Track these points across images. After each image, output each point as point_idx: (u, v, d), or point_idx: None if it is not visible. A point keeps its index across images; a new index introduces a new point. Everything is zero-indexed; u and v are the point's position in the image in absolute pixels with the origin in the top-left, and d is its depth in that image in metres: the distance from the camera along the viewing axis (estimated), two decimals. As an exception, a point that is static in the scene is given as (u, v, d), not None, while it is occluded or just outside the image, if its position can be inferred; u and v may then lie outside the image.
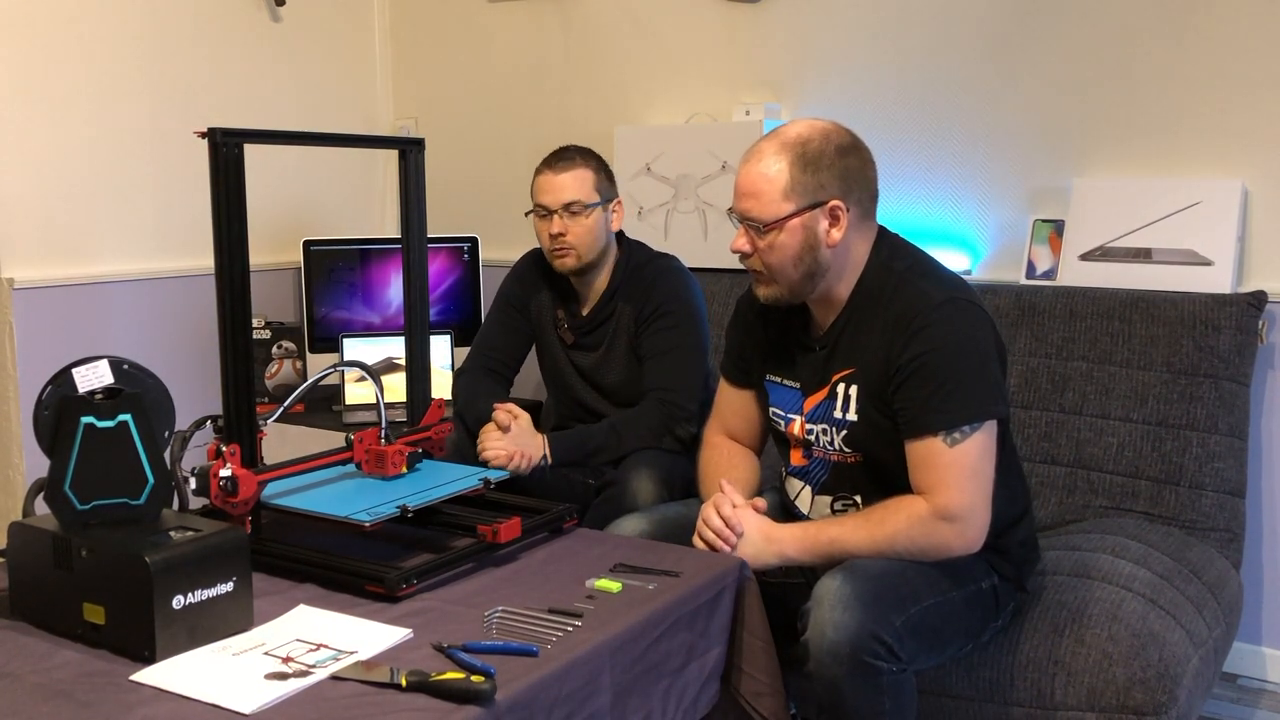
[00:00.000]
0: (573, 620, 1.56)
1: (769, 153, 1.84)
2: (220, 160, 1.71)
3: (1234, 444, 2.43)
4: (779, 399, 2.03)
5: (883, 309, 1.86)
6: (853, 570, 1.76)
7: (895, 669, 1.72)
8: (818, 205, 1.83)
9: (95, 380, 1.58)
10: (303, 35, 3.69)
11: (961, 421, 1.77)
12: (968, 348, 1.81)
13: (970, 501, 1.78)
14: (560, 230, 2.48)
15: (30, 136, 2.98)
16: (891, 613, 1.72)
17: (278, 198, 3.59)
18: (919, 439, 1.80)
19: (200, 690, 1.33)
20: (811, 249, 1.85)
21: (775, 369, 2.03)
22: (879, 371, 1.85)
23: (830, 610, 1.71)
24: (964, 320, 1.82)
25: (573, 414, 2.64)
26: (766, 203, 1.83)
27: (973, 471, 1.78)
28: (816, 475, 1.99)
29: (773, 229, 1.84)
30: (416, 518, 1.84)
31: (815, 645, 1.71)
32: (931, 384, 1.78)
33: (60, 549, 1.48)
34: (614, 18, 3.49)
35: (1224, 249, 2.57)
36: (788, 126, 1.88)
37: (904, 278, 1.87)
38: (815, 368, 1.95)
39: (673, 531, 2.00)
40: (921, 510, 1.79)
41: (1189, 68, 2.65)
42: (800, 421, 1.97)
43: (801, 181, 1.82)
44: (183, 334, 3.31)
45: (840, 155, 1.84)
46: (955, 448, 1.77)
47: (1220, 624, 2.15)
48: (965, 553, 1.81)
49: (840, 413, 1.90)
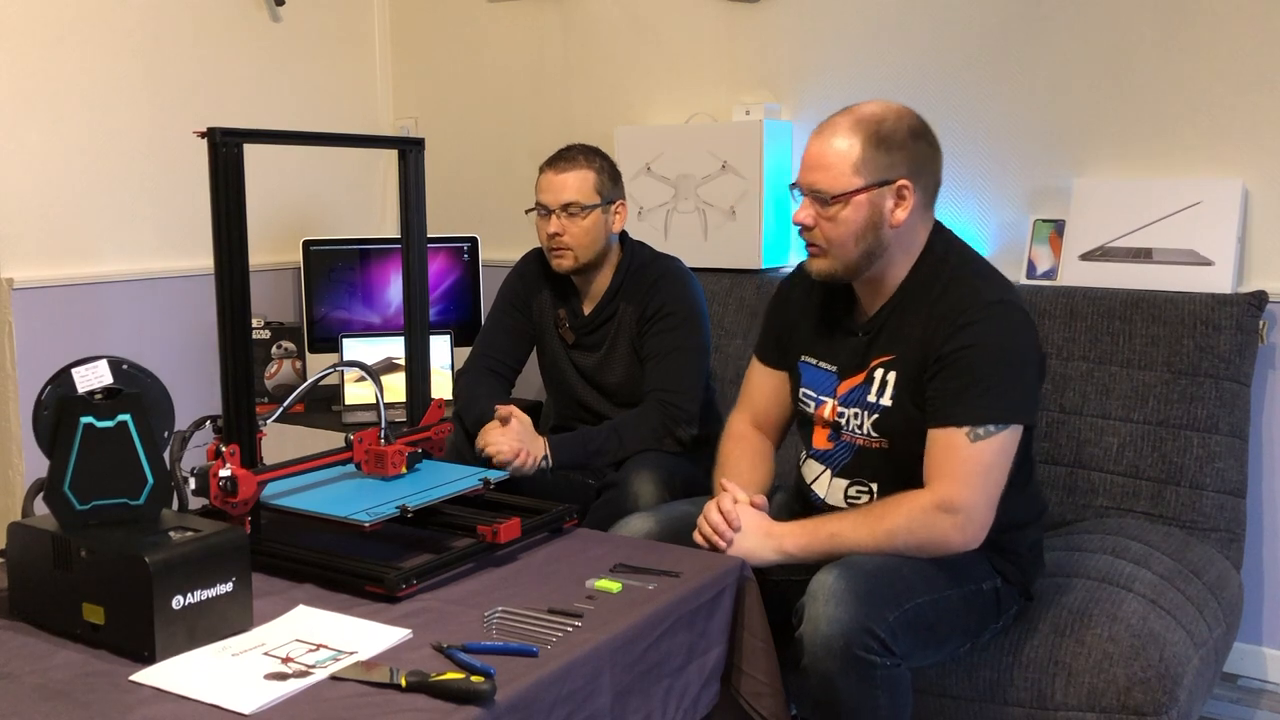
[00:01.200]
0: (573, 620, 1.56)
1: (843, 127, 1.86)
2: (220, 160, 1.71)
3: (1234, 444, 2.43)
4: (812, 380, 2.03)
5: (932, 301, 1.87)
6: (848, 566, 1.77)
7: (889, 663, 1.72)
8: (886, 183, 1.85)
9: (95, 380, 1.58)
10: (303, 35, 3.69)
11: (988, 420, 1.78)
12: (1009, 350, 1.82)
13: (975, 498, 1.79)
14: (558, 230, 2.48)
15: (30, 136, 2.98)
16: (885, 608, 1.72)
17: (278, 198, 3.59)
18: (942, 428, 1.81)
19: (200, 690, 1.33)
20: (875, 226, 1.86)
21: (812, 350, 2.04)
22: (917, 360, 1.86)
23: (824, 605, 1.71)
24: (1010, 322, 1.84)
25: (573, 414, 2.64)
26: (836, 175, 1.84)
27: (986, 470, 1.79)
28: (839, 459, 1.99)
29: (838, 202, 1.85)
30: (416, 518, 1.84)
31: (809, 639, 1.72)
32: (967, 378, 1.80)
33: (60, 549, 1.48)
34: (614, 18, 3.49)
35: (1224, 249, 2.57)
36: (863, 105, 1.89)
37: (958, 273, 1.89)
38: (855, 352, 1.96)
39: (680, 529, 2.01)
40: (923, 501, 1.80)
41: (1189, 68, 2.65)
42: (833, 404, 1.98)
43: (873, 158, 1.83)
44: (182, 334, 3.31)
45: (913, 138, 1.86)
46: (976, 444, 1.78)
47: (1221, 624, 2.15)
48: (964, 549, 1.81)
49: (875, 397, 1.91)
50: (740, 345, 2.97)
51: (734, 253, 3.10)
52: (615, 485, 2.33)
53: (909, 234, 1.90)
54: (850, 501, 1.97)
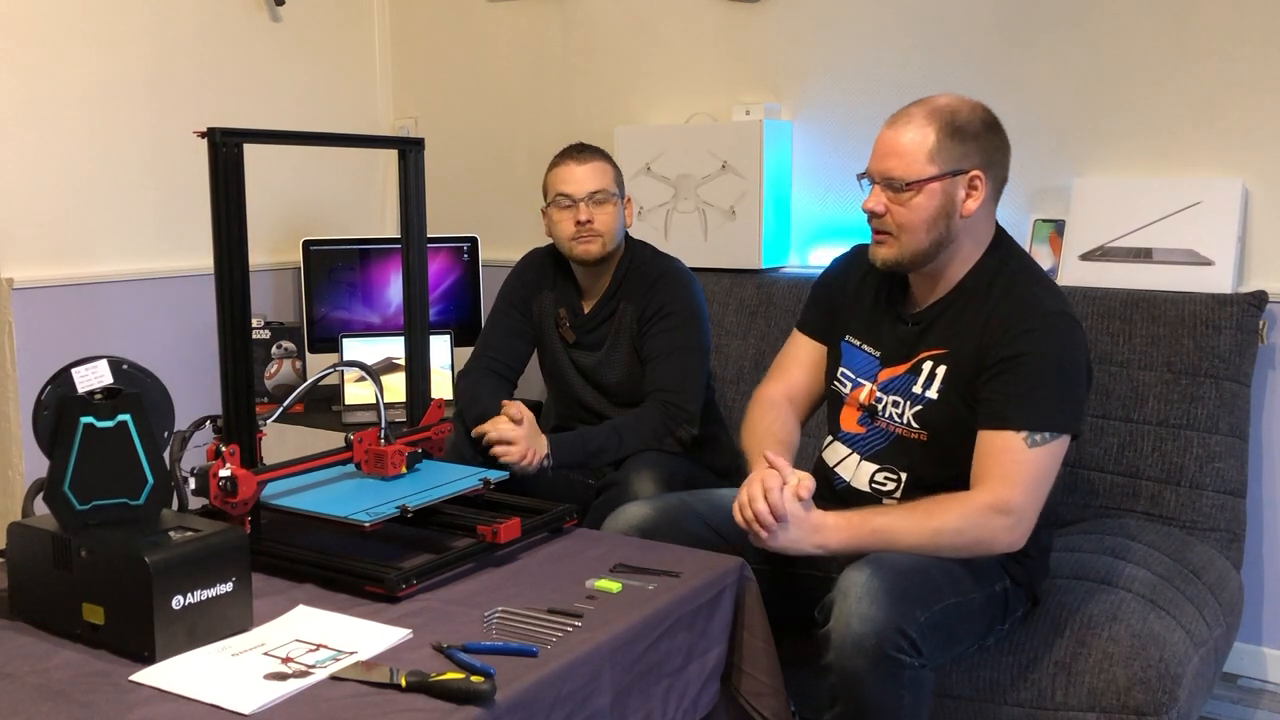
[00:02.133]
0: (573, 620, 1.56)
1: (918, 116, 1.88)
2: (220, 160, 1.71)
3: (1234, 444, 2.43)
4: (852, 362, 2.04)
5: (990, 301, 1.88)
6: (879, 563, 1.75)
7: (917, 664, 1.71)
8: (960, 173, 1.86)
9: (95, 380, 1.58)
10: (303, 35, 3.68)
11: (1046, 427, 1.80)
12: (1068, 361, 1.84)
13: (1027, 503, 1.79)
14: (588, 217, 2.48)
15: (30, 136, 2.98)
16: (916, 608, 1.72)
17: (278, 198, 3.59)
18: (997, 430, 1.81)
19: (200, 690, 1.33)
20: (946, 215, 1.87)
21: (858, 332, 2.05)
22: (971, 360, 1.87)
23: (857, 602, 1.70)
24: (1070, 336, 1.85)
25: (573, 413, 2.64)
26: (910, 162, 1.86)
27: (1039, 476, 1.80)
28: (873, 444, 1.99)
29: (912, 189, 1.86)
30: (416, 518, 1.84)
31: (839, 636, 1.70)
32: (1027, 383, 1.81)
33: (60, 549, 1.48)
34: (614, 18, 3.49)
35: (1224, 249, 2.57)
36: (937, 96, 1.92)
37: (1018, 278, 1.90)
38: (903, 340, 1.97)
39: (677, 517, 2.00)
40: (978, 502, 1.79)
41: (1189, 68, 2.65)
42: (871, 389, 1.98)
43: (948, 148, 1.85)
44: (182, 334, 3.31)
45: (986, 130, 1.89)
46: (1033, 449, 1.79)
47: (1221, 624, 2.15)
48: (1008, 550, 1.82)
49: (921, 389, 1.92)
50: (740, 345, 2.97)
51: (734, 253, 3.10)
52: (615, 485, 2.33)
53: (977, 226, 1.91)
54: (875, 487, 1.97)
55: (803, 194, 3.20)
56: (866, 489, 1.98)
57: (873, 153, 1.92)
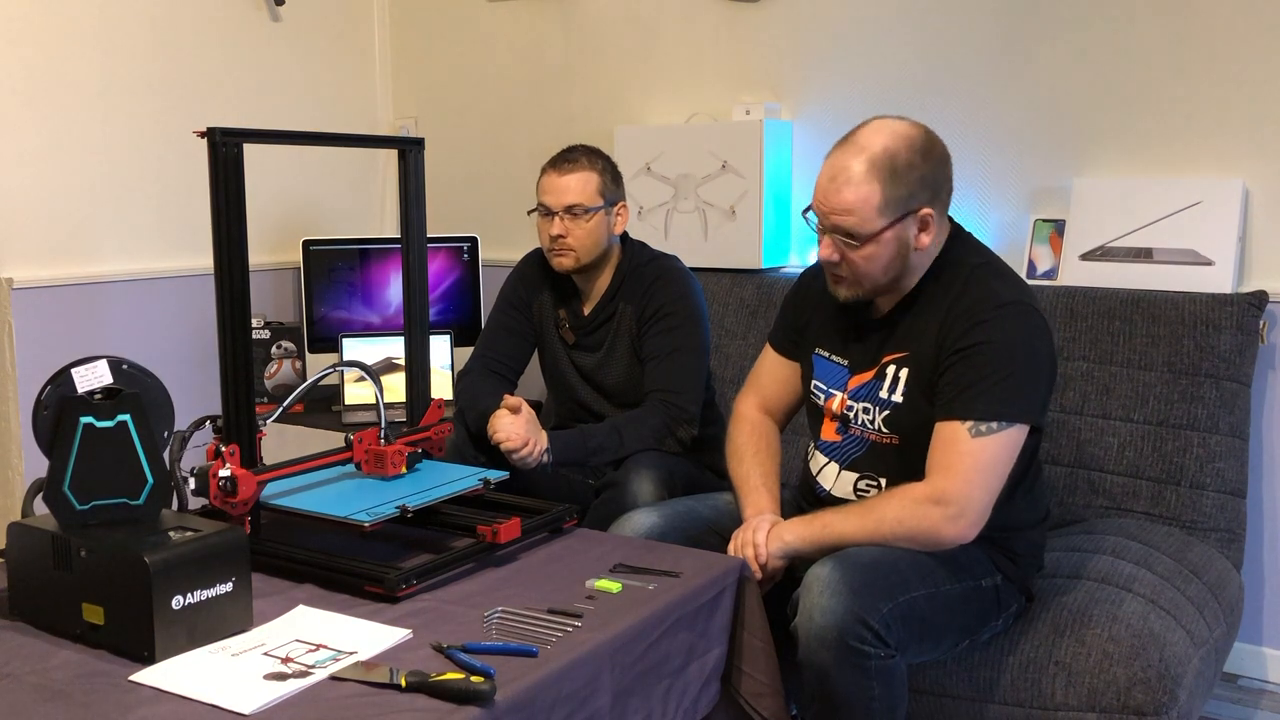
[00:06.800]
0: (573, 620, 1.56)
1: (858, 173, 1.84)
2: (220, 160, 1.71)
3: (1235, 444, 2.43)
4: (823, 374, 2.05)
5: (950, 300, 1.89)
6: (844, 559, 1.78)
7: (883, 654, 1.73)
8: (909, 214, 1.86)
9: (94, 380, 1.57)
10: (303, 35, 3.68)
11: (992, 417, 1.79)
12: (1022, 350, 1.83)
13: (969, 493, 1.79)
14: (561, 232, 2.48)
15: (30, 136, 2.98)
16: (879, 599, 1.73)
17: (278, 198, 3.59)
18: (945, 421, 1.82)
19: (199, 691, 1.33)
20: (902, 256, 1.89)
21: (826, 344, 2.06)
22: (930, 359, 1.88)
23: (819, 596, 1.73)
24: (1025, 324, 1.85)
25: (573, 414, 2.64)
26: (862, 219, 1.85)
27: (984, 467, 1.80)
28: (850, 452, 2.00)
29: (869, 242, 1.86)
30: (416, 518, 1.84)
31: (804, 630, 1.74)
32: (976, 373, 1.81)
33: (60, 549, 1.48)
34: (614, 18, 3.49)
35: (1224, 249, 2.57)
36: (870, 137, 1.86)
37: (976, 274, 1.91)
38: (868, 348, 1.98)
39: (684, 525, 2.03)
40: (916, 493, 1.82)
41: (1189, 68, 2.65)
42: (841, 398, 2.00)
43: (895, 196, 1.84)
44: (182, 334, 3.31)
45: (925, 161, 1.86)
46: (977, 439, 1.79)
47: (1221, 624, 2.15)
48: (956, 542, 1.82)
49: (887, 394, 1.93)
50: (740, 345, 2.97)
51: (734, 252, 3.10)
52: (615, 485, 2.33)
53: (931, 248, 1.92)
54: (860, 495, 1.99)
55: (803, 194, 3.19)
56: (852, 498, 1.99)
57: (817, 198, 1.90)
